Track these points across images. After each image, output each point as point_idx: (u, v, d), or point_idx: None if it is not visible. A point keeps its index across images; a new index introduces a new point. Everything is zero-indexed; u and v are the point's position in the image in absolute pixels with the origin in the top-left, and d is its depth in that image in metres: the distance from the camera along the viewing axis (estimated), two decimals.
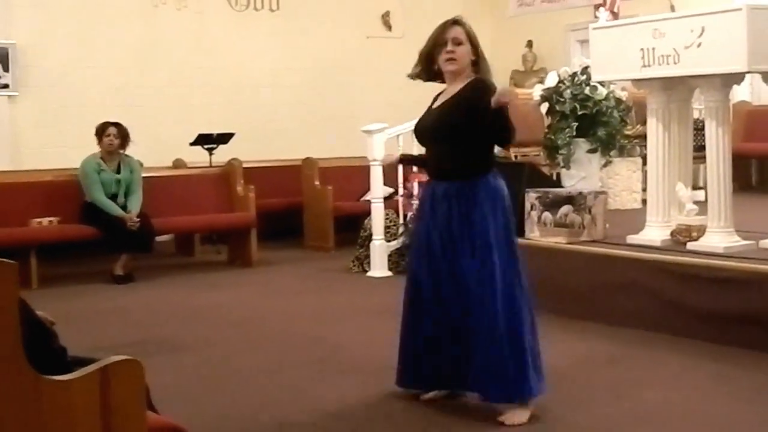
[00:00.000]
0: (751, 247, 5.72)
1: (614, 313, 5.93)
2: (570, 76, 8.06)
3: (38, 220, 8.27)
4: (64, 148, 9.52)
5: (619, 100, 8.07)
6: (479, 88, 4.13)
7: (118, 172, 8.46)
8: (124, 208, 8.31)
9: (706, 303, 5.43)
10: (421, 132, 4.39)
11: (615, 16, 9.98)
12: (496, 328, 4.06)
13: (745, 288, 5.23)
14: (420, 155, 4.70)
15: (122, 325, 6.48)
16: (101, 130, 8.46)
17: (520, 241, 6.38)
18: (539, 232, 6.53)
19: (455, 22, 4.25)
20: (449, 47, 4.19)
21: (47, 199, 8.46)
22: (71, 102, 10.10)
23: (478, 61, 4.24)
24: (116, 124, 8.50)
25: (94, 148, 8.48)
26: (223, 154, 9.90)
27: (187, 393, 4.69)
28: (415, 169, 8.32)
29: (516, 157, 8.90)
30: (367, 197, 8.84)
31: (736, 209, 5.80)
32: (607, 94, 7.96)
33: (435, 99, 4.40)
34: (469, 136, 4.12)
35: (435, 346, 4.29)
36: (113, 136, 8.43)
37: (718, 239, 5.70)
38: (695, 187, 6.70)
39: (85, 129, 8.66)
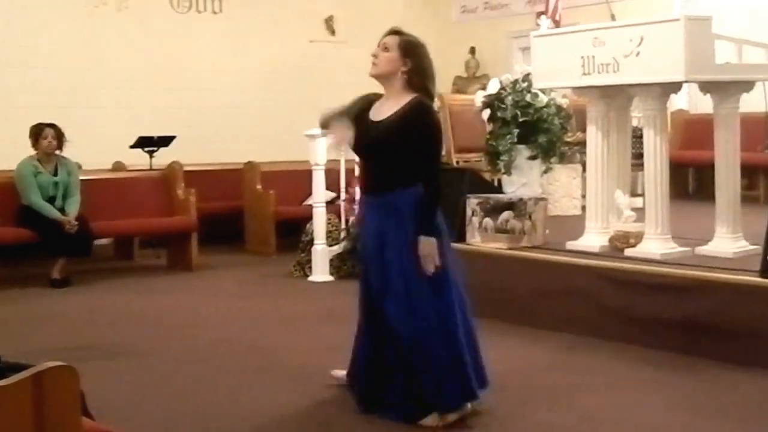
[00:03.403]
0: (688, 254, 5.81)
1: (553, 319, 5.98)
2: (511, 83, 8.13)
3: None
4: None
5: (559, 108, 8.15)
6: (420, 119, 4.12)
7: (56, 174, 8.33)
8: (62, 210, 8.19)
9: (643, 309, 5.49)
10: (360, 146, 4.34)
11: (556, 24, 10.07)
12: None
13: (682, 294, 5.31)
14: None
15: (58, 330, 6.38)
16: (37, 132, 8.32)
17: (461, 246, 6.48)
18: (480, 238, 6.56)
19: (393, 31, 4.27)
20: (374, 51, 4.24)
21: None
22: (6, 103, 9.90)
23: (412, 76, 4.16)
24: (52, 125, 8.37)
25: (31, 150, 8.34)
26: (163, 157, 9.78)
27: (124, 400, 4.63)
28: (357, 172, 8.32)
29: (457, 162, 8.93)
30: (309, 202, 8.81)
31: (673, 216, 5.89)
32: (548, 102, 8.03)
33: (369, 105, 4.32)
34: (404, 154, 4.12)
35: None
36: (51, 137, 8.31)
37: (656, 246, 5.77)
38: (633, 194, 6.80)
39: (21, 130, 8.49)
